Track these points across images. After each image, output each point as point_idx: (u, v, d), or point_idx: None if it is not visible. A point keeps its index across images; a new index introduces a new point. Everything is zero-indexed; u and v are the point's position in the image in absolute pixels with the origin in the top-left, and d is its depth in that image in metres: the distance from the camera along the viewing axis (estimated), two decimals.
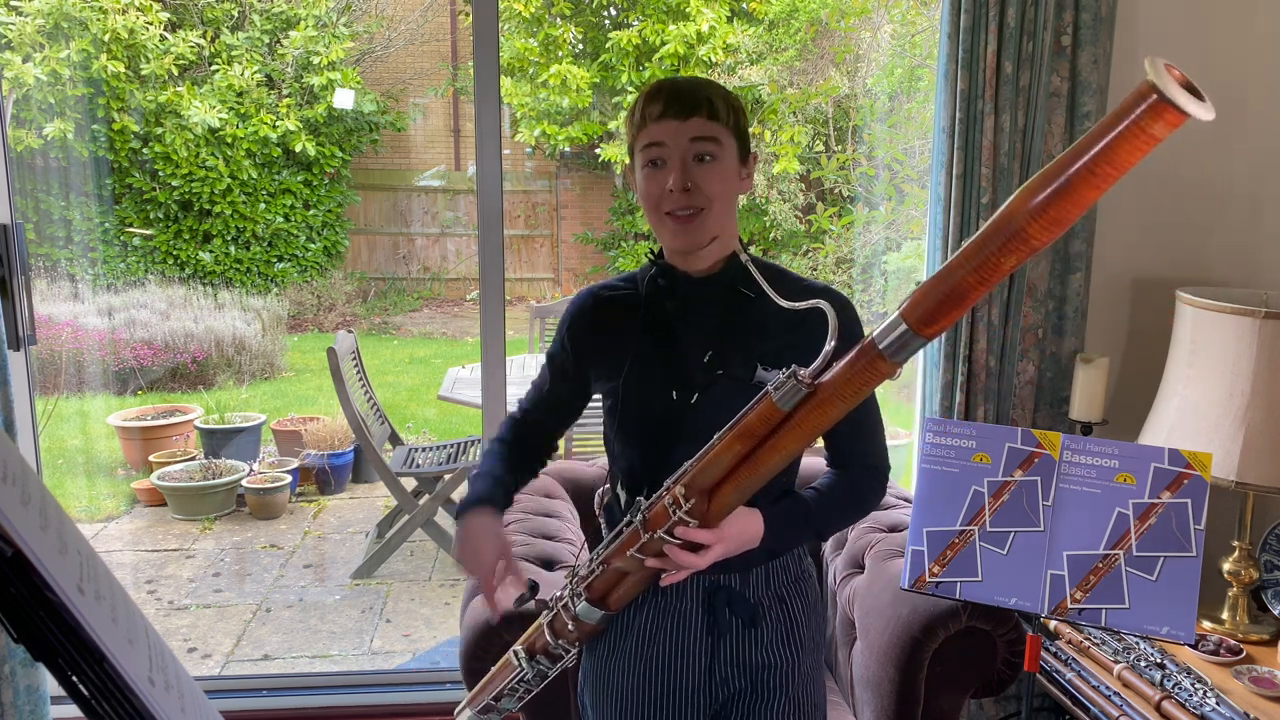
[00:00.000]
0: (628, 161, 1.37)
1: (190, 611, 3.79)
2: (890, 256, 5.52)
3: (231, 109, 7.39)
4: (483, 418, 2.53)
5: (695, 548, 1.18)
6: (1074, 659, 1.92)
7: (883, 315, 5.43)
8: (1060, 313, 2.30)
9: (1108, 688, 1.82)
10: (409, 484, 4.10)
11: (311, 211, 7.99)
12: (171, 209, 7.48)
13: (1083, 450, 1.61)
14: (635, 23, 7.51)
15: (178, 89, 7.23)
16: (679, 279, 1.34)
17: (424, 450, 4.36)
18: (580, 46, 7.82)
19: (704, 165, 1.27)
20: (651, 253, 1.39)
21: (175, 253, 7.55)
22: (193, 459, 5.08)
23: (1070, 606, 1.55)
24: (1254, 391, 1.89)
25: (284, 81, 7.69)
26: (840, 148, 6.85)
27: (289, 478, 4.87)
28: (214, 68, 7.40)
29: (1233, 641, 1.95)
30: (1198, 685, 1.76)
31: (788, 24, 6.83)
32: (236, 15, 7.57)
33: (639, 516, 1.21)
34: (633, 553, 1.22)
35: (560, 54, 7.60)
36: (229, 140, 7.41)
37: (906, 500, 2.07)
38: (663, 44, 7.18)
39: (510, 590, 1.36)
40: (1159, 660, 1.85)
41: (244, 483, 4.80)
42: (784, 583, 1.40)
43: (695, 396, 1.30)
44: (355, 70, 7.87)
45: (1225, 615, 2.05)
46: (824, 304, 1.09)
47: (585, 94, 7.48)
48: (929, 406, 2.35)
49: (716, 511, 1.17)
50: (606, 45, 7.51)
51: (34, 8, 6.66)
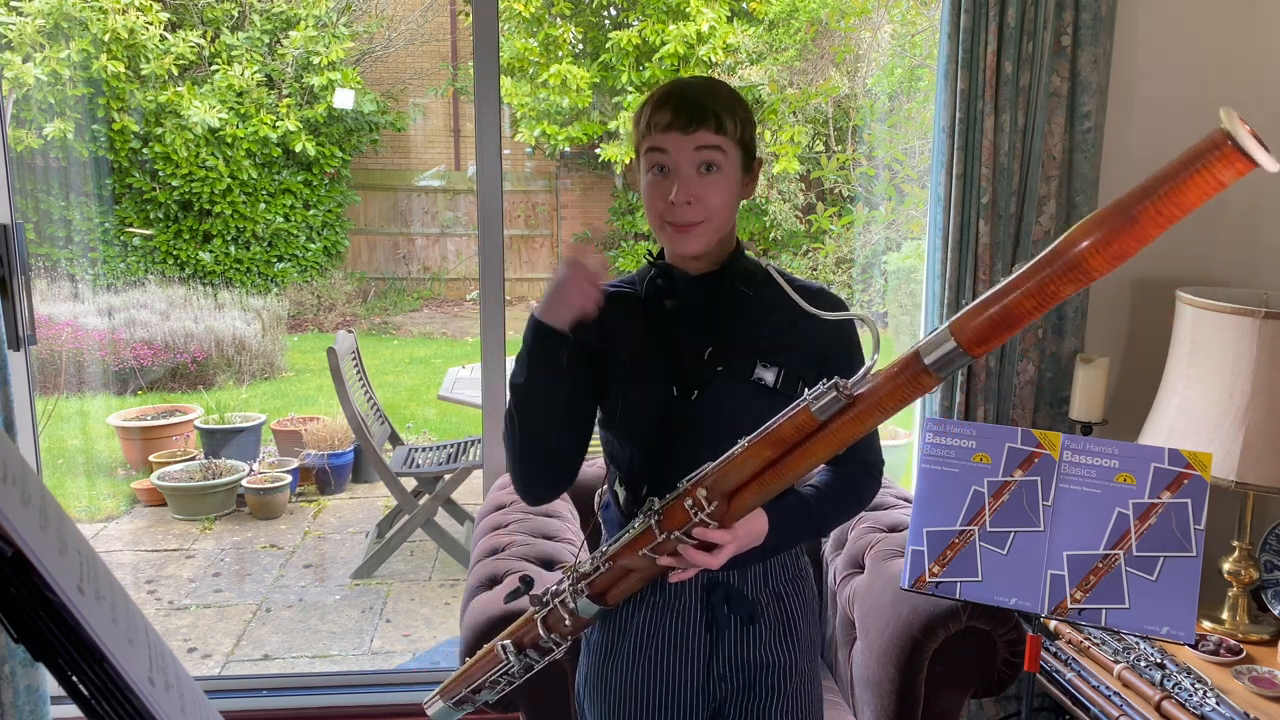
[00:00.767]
0: (632, 157, 1.37)
1: (190, 611, 3.79)
2: (890, 256, 5.52)
3: (231, 109, 7.39)
4: (483, 418, 2.53)
5: (709, 547, 1.19)
6: (1074, 659, 1.92)
7: (882, 315, 5.43)
8: (1060, 313, 2.30)
9: (1108, 688, 1.82)
10: (409, 484, 4.10)
11: (311, 211, 7.99)
12: (171, 209, 7.48)
13: (1083, 450, 1.61)
14: (635, 23, 7.51)
15: (178, 89, 7.23)
16: (678, 278, 1.35)
17: (424, 450, 4.36)
18: (580, 46, 7.83)
19: (707, 176, 1.27)
20: (650, 253, 1.40)
21: (175, 253, 7.55)
22: (193, 459, 5.08)
23: (1070, 606, 1.56)
24: (1254, 391, 1.89)
25: (284, 81, 7.69)
26: (840, 148, 6.85)
27: (289, 478, 4.87)
28: (214, 68, 7.40)
29: (1233, 641, 1.95)
30: (1198, 685, 1.76)
31: (788, 24, 6.83)
32: (236, 15, 7.57)
33: (655, 517, 1.21)
34: (645, 551, 1.23)
35: (560, 54, 7.60)
36: (229, 140, 7.41)
37: (906, 500, 2.07)
38: (663, 44, 7.18)
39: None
40: (1159, 660, 1.85)
41: (244, 483, 4.80)
42: (782, 580, 1.41)
43: (695, 394, 1.30)
44: (355, 70, 7.87)
45: (1225, 615, 2.05)
46: (867, 317, 1.14)
47: (585, 94, 7.48)
48: (929, 406, 2.35)
49: (734, 513, 1.18)
50: (606, 45, 7.51)
51: (34, 8, 6.66)
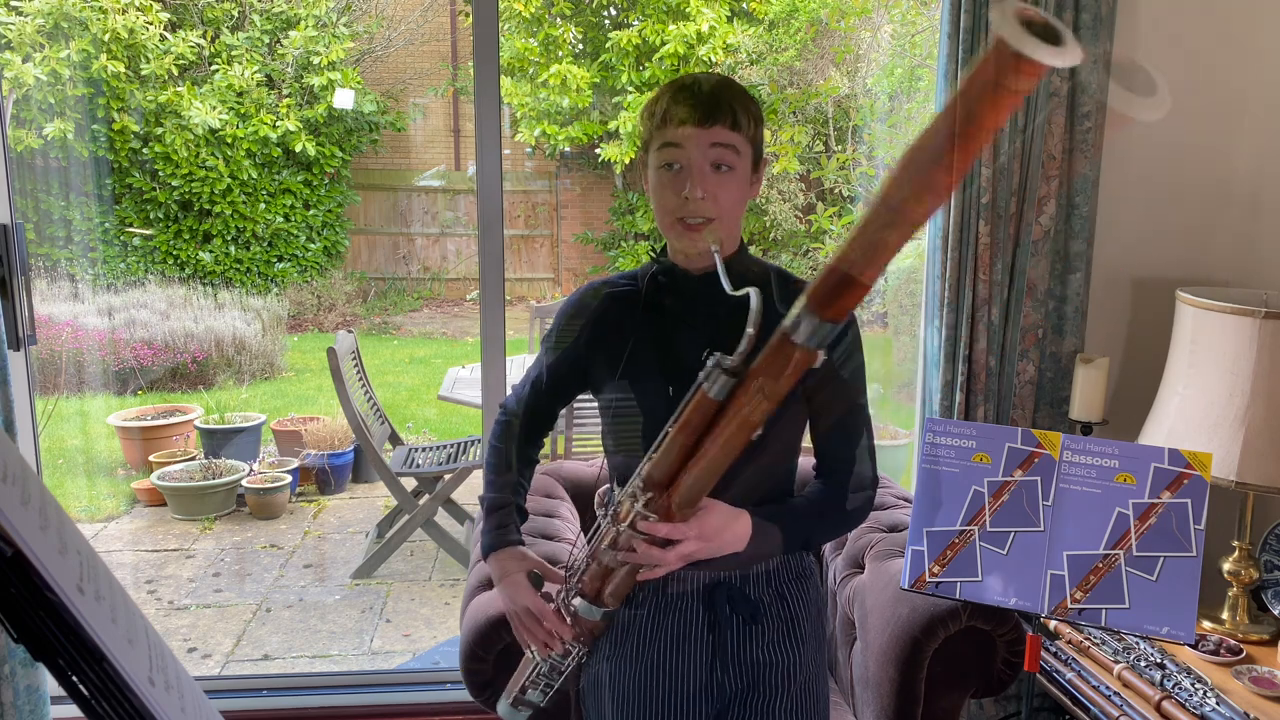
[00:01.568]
0: (633, 156, 1.37)
1: (190, 611, 3.79)
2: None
3: (231, 109, 7.39)
4: (483, 418, 2.53)
5: (665, 544, 1.19)
6: (1074, 659, 1.92)
7: (882, 315, 5.43)
8: (1060, 313, 2.30)
9: (1108, 688, 1.82)
10: (409, 484, 4.10)
11: (311, 211, 8.00)
12: (171, 209, 7.48)
13: (1083, 450, 1.61)
14: (635, 23, 7.51)
15: (178, 89, 7.24)
16: (680, 277, 1.35)
17: (424, 450, 4.36)
18: (580, 46, 7.83)
19: (720, 174, 1.25)
20: (653, 250, 1.39)
21: (175, 253, 7.56)
22: (193, 459, 5.08)
23: (1070, 606, 1.56)
24: (1254, 391, 1.89)
25: (284, 81, 7.69)
26: (840, 148, 6.85)
27: (289, 478, 4.87)
28: (214, 68, 7.40)
29: (1233, 641, 1.95)
30: (1198, 685, 1.76)
31: (788, 24, 6.83)
32: (236, 15, 7.58)
33: (610, 512, 1.23)
34: (606, 548, 1.24)
35: (560, 54, 7.61)
36: (229, 140, 7.41)
37: (906, 500, 2.07)
38: (663, 44, 7.18)
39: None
40: (1159, 660, 1.85)
41: (244, 483, 4.80)
42: (785, 580, 1.40)
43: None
44: (355, 70, 7.87)
45: (1225, 615, 2.05)
46: (753, 291, 1.09)
47: (585, 94, 7.48)
48: (929, 406, 2.35)
49: (679, 505, 1.17)
50: (606, 45, 7.51)
51: (34, 8, 6.67)
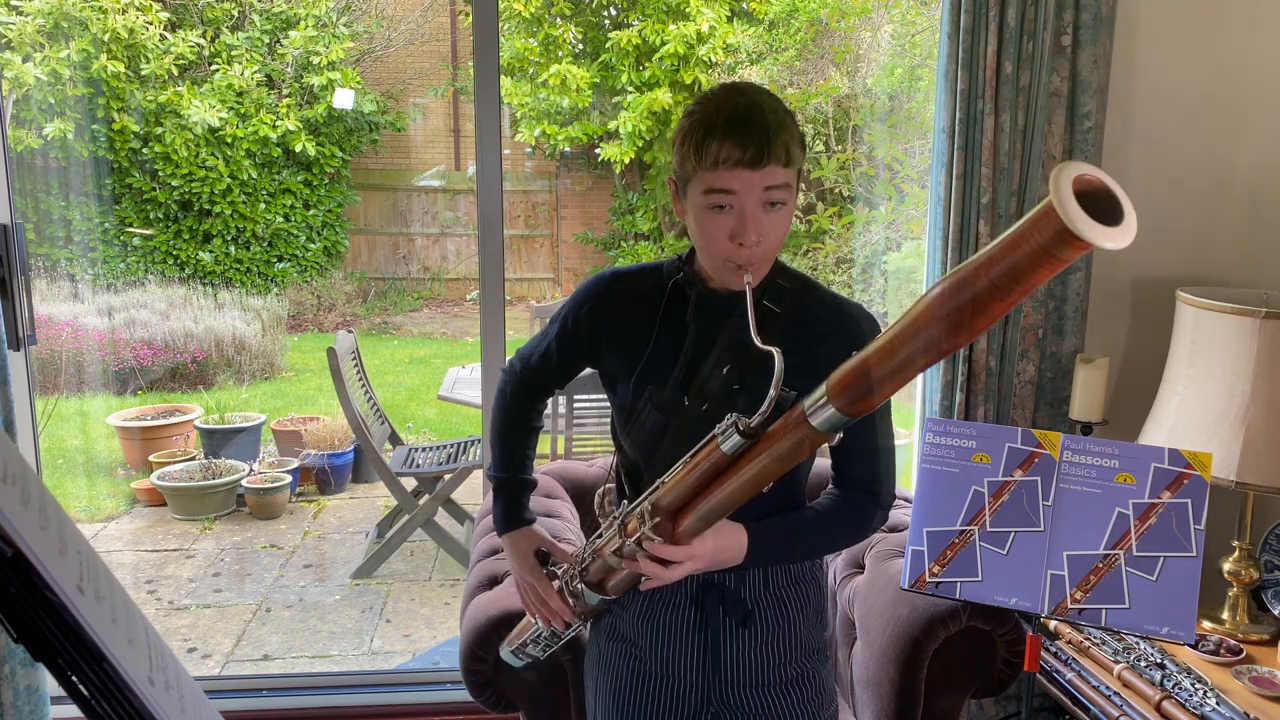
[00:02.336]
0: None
1: (190, 611, 3.79)
2: (890, 256, 5.52)
3: (231, 109, 7.39)
4: (483, 418, 2.53)
5: (665, 562, 1.21)
6: (1074, 659, 1.92)
7: (884, 316, 5.43)
8: (1060, 313, 2.30)
9: (1108, 688, 1.82)
10: (409, 484, 4.10)
11: (311, 211, 8.00)
12: (171, 209, 7.48)
13: (1083, 450, 1.61)
14: (635, 23, 7.51)
15: (178, 89, 7.24)
16: (706, 293, 1.31)
17: (424, 450, 4.36)
18: (580, 46, 7.83)
19: (773, 212, 1.20)
20: (680, 256, 1.35)
21: (175, 253, 7.56)
22: (193, 459, 5.08)
23: (1070, 606, 1.56)
24: (1254, 391, 1.89)
25: (284, 81, 7.69)
26: (840, 148, 6.85)
27: (289, 478, 4.87)
28: (214, 68, 7.40)
29: (1233, 641, 1.95)
30: (1198, 685, 1.76)
31: (788, 24, 6.83)
32: (236, 15, 7.58)
33: (619, 521, 1.25)
34: (611, 553, 1.26)
35: (560, 54, 7.61)
36: (229, 140, 7.41)
37: (906, 500, 2.07)
38: (663, 44, 7.18)
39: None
40: (1159, 660, 1.85)
41: (244, 483, 4.80)
42: (783, 583, 1.39)
43: (705, 405, 1.28)
44: (355, 70, 7.87)
45: (1225, 615, 2.05)
46: (776, 353, 1.08)
47: (585, 94, 7.48)
48: (929, 406, 2.35)
49: (683, 534, 1.19)
50: (606, 45, 7.51)
51: (34, 8, 6.67)
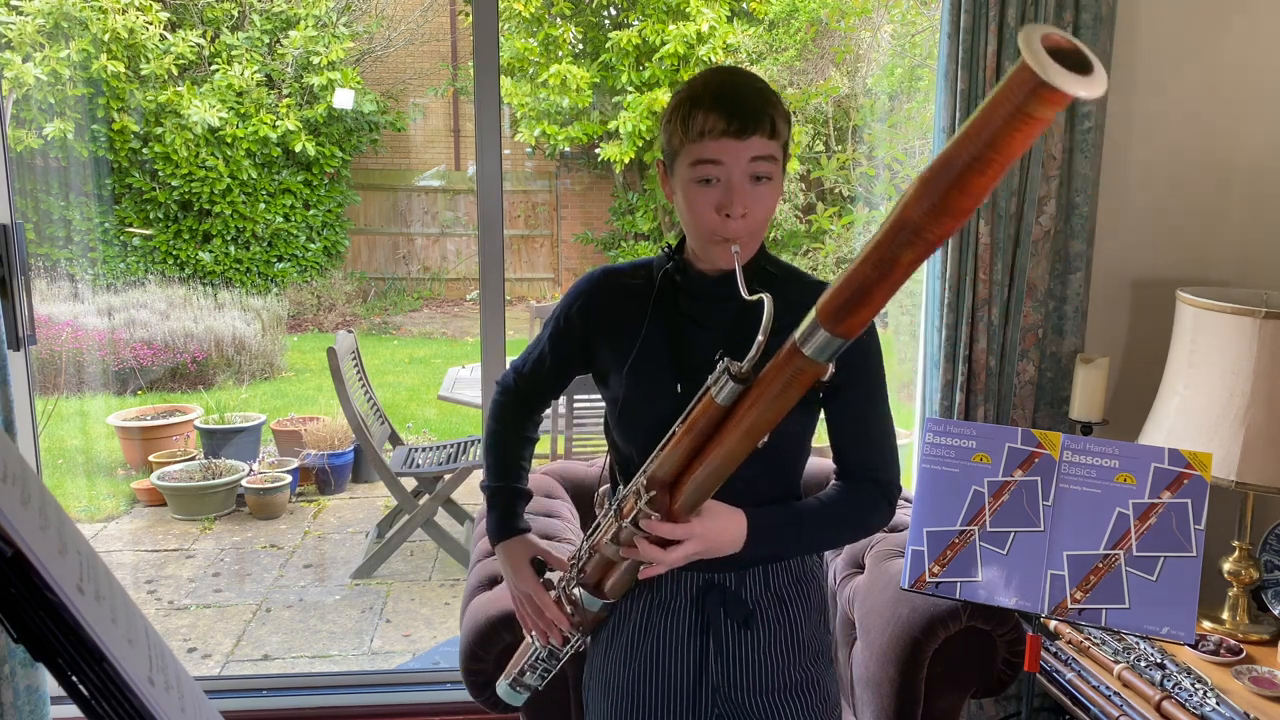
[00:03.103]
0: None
1: (190, 611, 3.79)
2: None
3: (231, 109, 7.39)
4: (482, 418, 2.52)
5: (666, 543, 1.18)
6: (1074, 659, 1.92)
7: (883, 315, 5.44)
8: (1060, 313, 2.30)
9: (1108, 688, 1.82)
10: (409, 484, 4.10)
11: (311, 211, 8.00)
12: (171, 209, 7.48)
13: (1083, 450, 1.61)
14: (635, 23, 7.51)
15: (178, 89, 7.24)
16: (695, 277, 1.31)
17: (424, 450, 4.36)
18: (580, 46, 7.83)
19: (759, 186, 1.20)
20: (667, 246, 1.35)
21: (175, 253, 7.56)
22: (193, 459, 5.08)
23: (1070, 606, 1.56)
24: (1254, 391, 1.89)
25: (284, 81, 7.69)
26: (840, 148, 6.85)
27: (289, 478, 4.87)
28: (214, 68, 7.40)
29: (1233, 641, 1.95)
30: (1198, 685, 1.76)
31: (788, 24, 6.83)
32: (236, 15, 7.58)
33: (614, 506, 1.22)
34: (608, 541, 1.24)
35: (560, 54, 7.61)
36: (229, 140, 7.41)
37: (906, 500, 2.07)
38: (663, 44, 7.18)
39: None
40: (1159, 660, 1.85)
41: (244, 483, 4.80)
42: (785, 584, 1.37)
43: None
44: (355, 70, 7.87)
45: (1225, 615, 2.05)
46: (766, 298, 1.07)
47: (585, 94, 7.48)
48: (929, 406, 2.35)
49: (682, 507, 1.16)
50: (606, 45, 7.51)
51: (34, 8, 6.67)
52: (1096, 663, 1.90)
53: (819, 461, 1.77)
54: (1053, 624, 1.99)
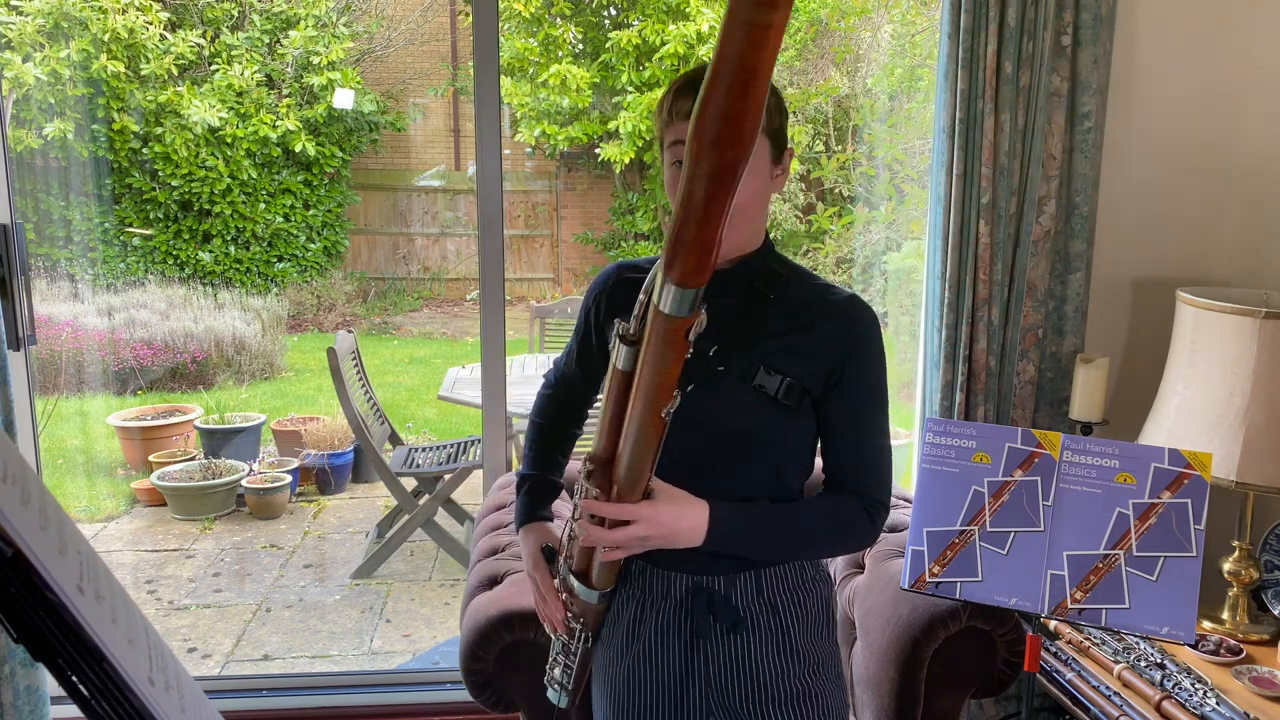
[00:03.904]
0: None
1: (190, 611, 3.79)
2: (890, 256, 5.52)
3: (231, 109, 7.39)
4: (483, 418, 2.53)
5: (615, 525, 1.17)
6: (1074, 659, 1.92)
7: (883, 315, 5.44)
8: (1060, 313, 2.30)
9: (1108, 688, 1.82)
10: (409, 484, 4.10)
11: (311, 211, 8.00)
12: (171, 209, 7.48)
13: (1083, 450, 1.61)
14: (635, 23, 7.51)
15: (178, 89, 7.24)
16: None
17: (424, 450, 4.36)
18: (580, 46, 7.83)
19: None
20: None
21: (175, 253, 7.56)
22: (193, 459, 5.08)
23: (1070, 606, 1.56)
24: (1254, 391, 1.89)
25: (284, 81, 7.69)
26: (840, 148, 6.85)
27: (289, 478, 4.87)
28: (214, 68, 7.40)
29: (1233, 641, 1.95)
30: (1198, 685, 1.76)
31: (788, 24, 6.82)
32: (236, 15, 7.58)
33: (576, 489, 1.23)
34: (573, 523, 1.24)
35: (560, 54, 7.61)
36: (229, 140, 7.41)
37: (906, 500, 2.07)
38: (663, 44, 7.18)
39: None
40: (1159, 660, 1.85)
41: (244, 483, 4.80)
42: (779, 592, 1.34)
43: (691, 386, 1.25)
44: (355, 70, 7.87)
45: (1225, 615, 2.05)
46: (657, 265, 1.05)
47: (585, 94, 7.48)
48: (929, 406, 2.35)
49: (624, 485, 1.15)
50: (606, 45, 7.51)
51: (34, 8, 6.67)
52: (1096, 663, 1.90)
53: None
54: (1053, 624, 1.99)
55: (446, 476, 4.02)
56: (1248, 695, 1.78)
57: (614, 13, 7.93)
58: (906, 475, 2.49)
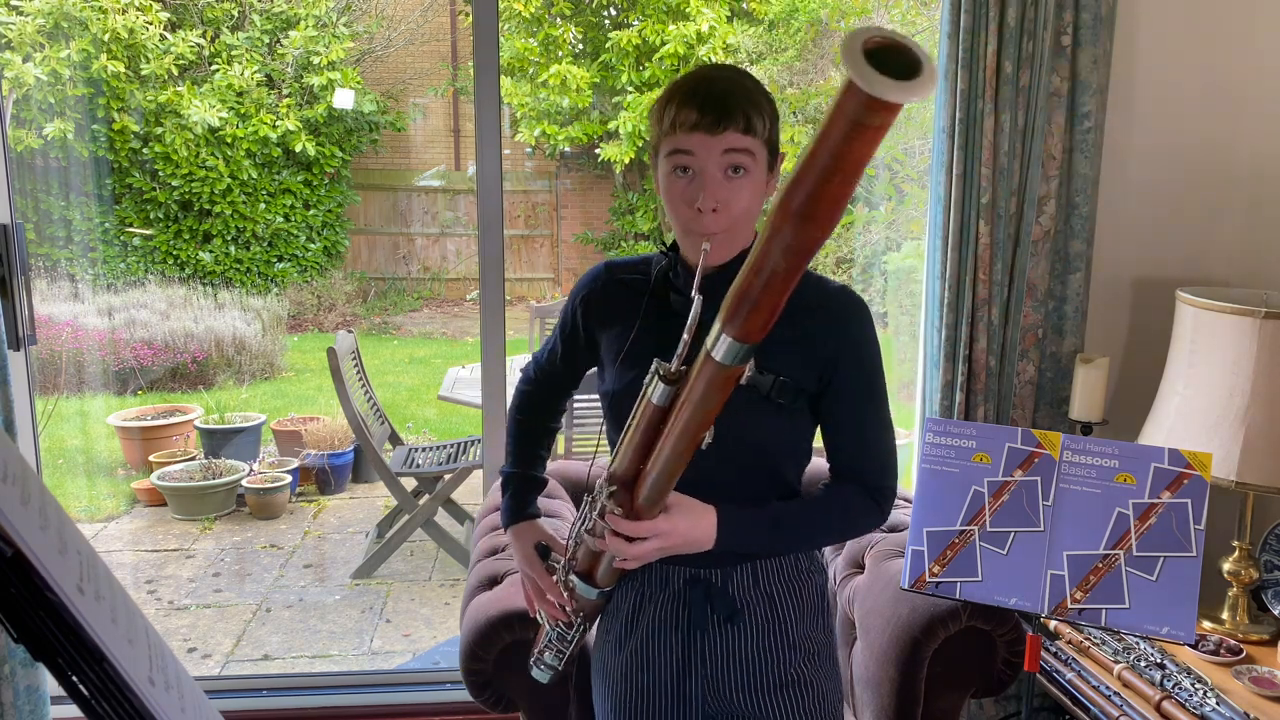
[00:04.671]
0: (647, 155, 1.36)
1: (190, 611, 3.79)
2: (890, 256, 5.52)
3: (231, 109, 7.39)
4: (483, 418, 2.53)
5: (632, 538, 1.20)
6: (1074, 659, 1.92)
7: (883, 316, 5.44)
8: (1060, 313, 2.30)
9: (1108, 688, 1.82)
10: (409, 484, 4.10)
11: (311, 211, 8.00)
12: (171, 209, 7.48)
13: (1083, 450, 1.61)
14: (635, 23, 7.51)
15: (178, 89, 7.24)
16: (683, 273, 1.31)
17: (424, 450, 4.36)
18: (580, 46, 7.83)
19: (734, 180, 1.20)
20: (663, 244, 1.36)
21: (175, 253, 7.56)
22: (193, 459, 5.08)
23: (1070, 606, 1.56)
24: (1254, 391, 1.89)
25: (284, 81, 7.69)
26: None
27: (289, 478, 4.87)
28: (214, 68, 7.40)
29: (1233, 641, 1.95)
30: (1198, 685, 1.76)
31: (788, 24, 6.83)
32: (236, 15, 7.58)
33: (590, 499, 1.25)
34: (585, 533, 1.26)
35: (560, 54, 7.61)
36: (229, 140, 7.41)
37: (906, 500, 2.07)
38: (663, 44, 7.18)
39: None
40: (1159, 660, 1.85)
41: (244, 483, 4.80)
42: (775, 582, 1.36)
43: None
44: (355, 70, 7.87)
45: (1225, 615, 2.05)
46: (697, 299, 1.08)
47: (585, 94, 7.48)
48: (929, 406, 2.35)
49: (644, 503, 1.17)
50: (606, 45, 7.51)
51: (34, 8, 6.67)
52: (1096, 663, 1.90)
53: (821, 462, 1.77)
54: (1053, 624, 1.99)
55: (446, 476, 4.02)
56: (1248, 695, 1.78)
57: (614, 13, 7.93)
58: (906, 475, 2.49)
